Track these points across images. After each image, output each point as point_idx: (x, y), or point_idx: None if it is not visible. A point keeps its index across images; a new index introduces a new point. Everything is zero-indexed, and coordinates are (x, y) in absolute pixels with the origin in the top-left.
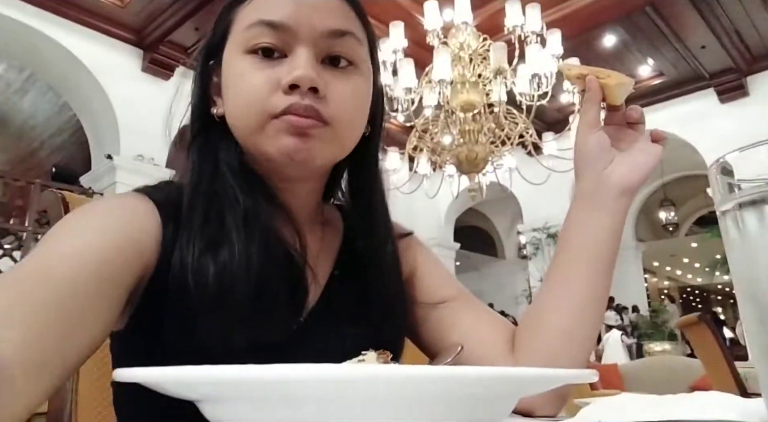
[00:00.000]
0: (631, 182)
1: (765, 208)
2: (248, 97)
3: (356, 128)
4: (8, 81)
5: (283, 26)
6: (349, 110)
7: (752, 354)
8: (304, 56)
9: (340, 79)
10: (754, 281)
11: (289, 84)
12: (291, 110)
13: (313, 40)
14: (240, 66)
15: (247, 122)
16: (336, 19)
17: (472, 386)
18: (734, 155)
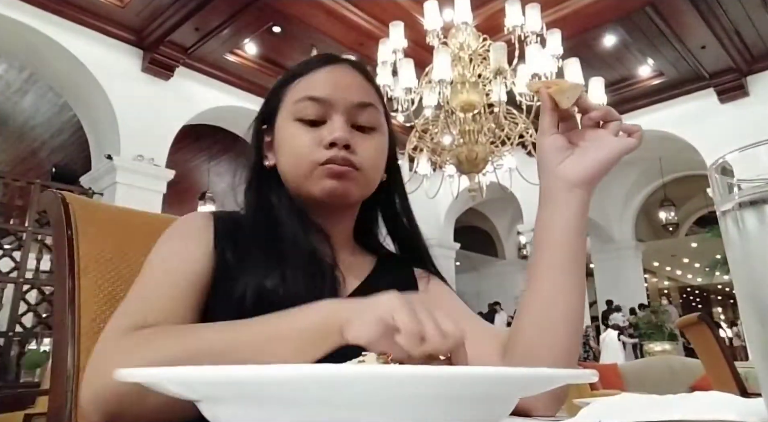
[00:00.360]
0: (579, 175)
1: (765, 208)
2: (299, 152)
3: (378, 172)
4: (8, 81)
5: (324, 100)
6: (373, 159)
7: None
8: (339, 122)
9: (365, 139)
10: (754, 281)
11: (330, 142)
12: (331, 160)
13: (346, 110)
14: (291, 130)
15: (298, 169)
16: (362, 95)
17: (472, 386)
18: (734, 155)
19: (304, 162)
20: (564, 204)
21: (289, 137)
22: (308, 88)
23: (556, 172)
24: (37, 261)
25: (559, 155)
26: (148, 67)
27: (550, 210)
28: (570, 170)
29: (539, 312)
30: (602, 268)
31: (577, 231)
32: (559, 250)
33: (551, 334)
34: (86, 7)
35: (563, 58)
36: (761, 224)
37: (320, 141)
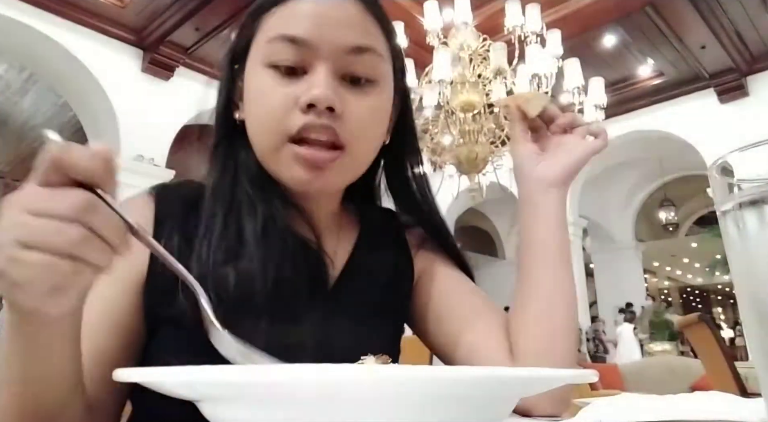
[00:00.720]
0: (552, 176)
1: (765, 208)
2: (266, 116)
3: (372, 146)
4: (8, 81)
5: (304, 42)
6: (365, 129)
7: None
8: (322, 74)
9: (358, 97)
10: (754, 281)
11: (307, 103)
12: (307, 129)
13: (333, 57)
14: (260, 81)
15: (265, 141)
16: (357, 35)
17: (472, 386)
18: (734, 155)
19: (272, 130)
20: (542, 204)
21: (257, 91)
22: (285, 22)
23: (532, 176)
24: None
25: (532, 160)
26: (148, 67)
27: (531, 212)
28: (544, 173)
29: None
30: (602, 268)
31: (558, 227)
32: (544, 246)
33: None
34: (86, 7)
35: (563, 58)
36: (761, 224)
37: (295, 100)
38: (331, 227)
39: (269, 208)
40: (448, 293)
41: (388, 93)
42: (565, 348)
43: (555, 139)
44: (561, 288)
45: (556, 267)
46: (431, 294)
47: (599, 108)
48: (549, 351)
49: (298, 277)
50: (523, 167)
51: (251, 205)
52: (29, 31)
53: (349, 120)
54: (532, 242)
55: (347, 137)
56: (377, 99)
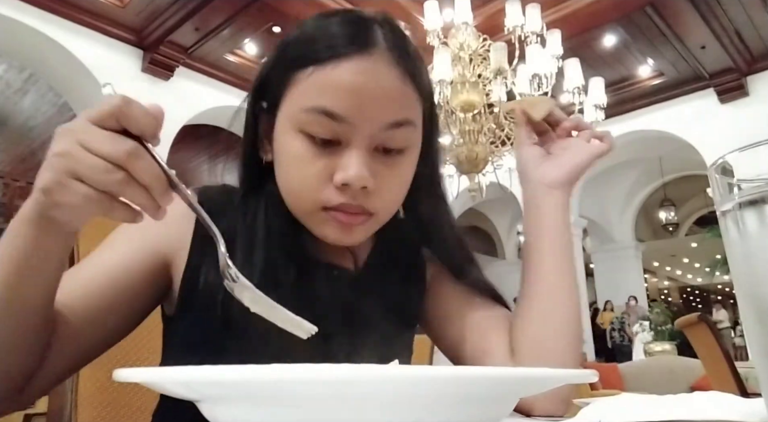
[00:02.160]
0: (556, 177)
1: (765, 208)
2: (301, 185)
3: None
4: (8, 81)
5: (343, 119)
6: (393, 198)
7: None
8: (357, 154)
9: (389, 169)
10: (754, 281)
11: (342, 183)
12: (341, 208)
13: (371, 133)
14: (294, 146)
15: (298, 204)
16: (396, 110)
17: (472, 386)
18: (734, 155)
19: (307, 199)
20: (546, 205)
21: (290, 156)
22: (323, 93)
23: (535, 177)
24: None
25: (536, 162)
26: (148, 67)
27: (535, 213)
28: (548, 174)
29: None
30: (602, 268)
31: (563, 228)
32: (547, 248)
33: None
34: (86, 7)
35: (563, 58)
36: (761, 224)
37: (330, 175)
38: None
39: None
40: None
41: (416, 155)
42: (568, 349)
43: (560, 142)
44: (564, 289)
45: (559, 269)
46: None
47: (599, 108)
48: (550, 351)
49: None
50: (527, 169)
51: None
52: (29, 31)
53: (380, 193)
54: (536, 244)
55: (377, 207)
56: (406, 167)
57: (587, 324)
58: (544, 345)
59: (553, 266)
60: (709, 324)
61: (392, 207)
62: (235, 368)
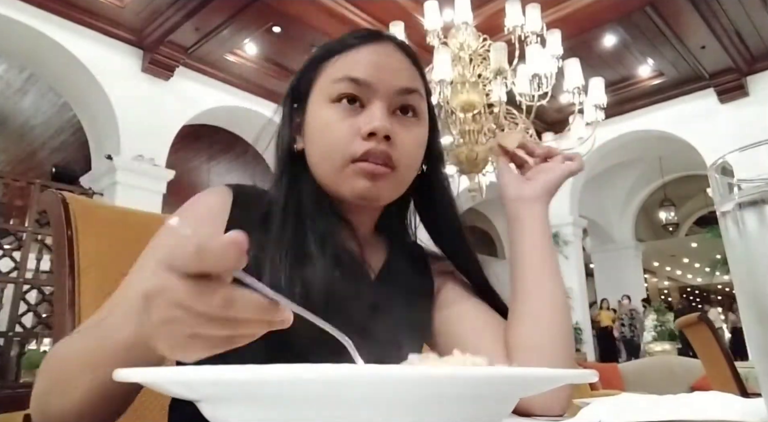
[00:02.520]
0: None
1: (765, 208)
2: (332, 143)
3: (414, 170)
4: (8, 81)
5: (365, 82)
6: (411, 155)
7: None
8: (380, 110)
9: (406, 128)
10: (754, 281)
11: (368, 132)
12: (369, 153)
13: (388, 96)
14: (326, 115)
15: (331, 163)
16: (406, 79)
17: (472, 386)
18: (734, 155)
19: (338, 155)
20: (526, 217)
21: (322, 124)
22: (348, 67)
23: (516, 196)
24: (37, 261)
25: (515, 185)
26: (148, 67)
27: (518, 226)
28: (525, 191)
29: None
30: (602, 268)
31: (543, 237)
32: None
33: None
34: (86, 7)
35: (563, 58)
36: (761, 224)
37: (357, 130)
38: (370, 242)
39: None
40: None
41: (425, 127)
42: (557, 348)
43: (535, 167)
44: (549, 295)
45: (542, 275)
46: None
47: (599, 108)
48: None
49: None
50: (507, 191)
51: (313, 221)
52: (29, 31)
53: (400, 147)
54: (520, 254)
55: (398, 160)
56: (419, 131)
57: (587, 324)
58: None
59: (536, 273)
60: (709, 324)
61: (411, 163)
62: (235, 368)
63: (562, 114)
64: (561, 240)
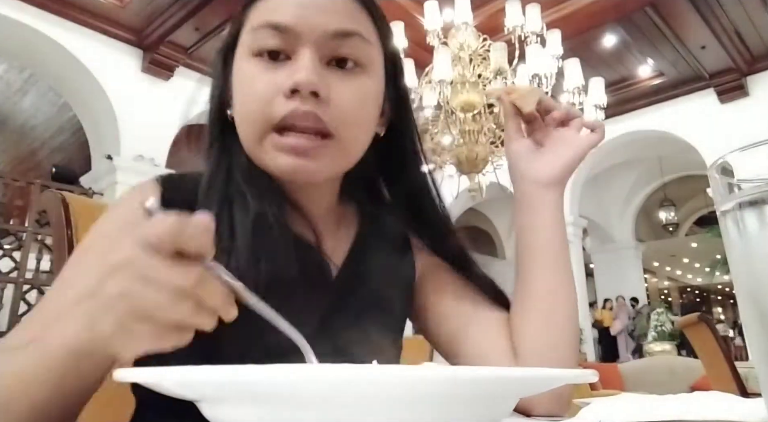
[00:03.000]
0: (550, 175)
1: (765, 208)
2: (250, 105)
3: (362, 133)
4: (8, 81)
5: (287, 28)
6: (353, 114)
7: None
8: (306, 59)
9: (345, 82)
10: (754, 282)
11: (290, 88)
12: (293, 117)
13: (317, 42)
14: (246, 70)
15: (250, 130)
16: (341, 20)
17: (472, 386)
18: (734, 155)
19: (256, 118)
20: (541, 205)
21: (242, 81)
22: (269, 11)
23: (528, 175)
24: (37, 261)
25: (528, 158)
26: (148, 67)
27: (529, 213)
28: (541, 172)
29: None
30: (602, 268)
31: (559, 228)
32: (543, 250)
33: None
34: (86, 7)
35: (563, 58)
36: (761, 224)
37: (279, 87)
38: (329, 224)
39: (261, 203)
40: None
41: (376, 79)
42: (568, 348)
43: (551, 133)
44: (562, 290)
45: (556, 269)
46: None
47: (599, 108)
48: (552, 351)
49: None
50: (518, 166)
51: (243, 200)
52: (29, 31)
53: (335, 105)
54: (532, 245)
55: (335, 124)
56: (365, 83)
57: (587, 324)
58: (546, 345)
59: (551, 265)
60: (709, 324)
61: (355, 124)
62: (235, 368)
63: None
64: None
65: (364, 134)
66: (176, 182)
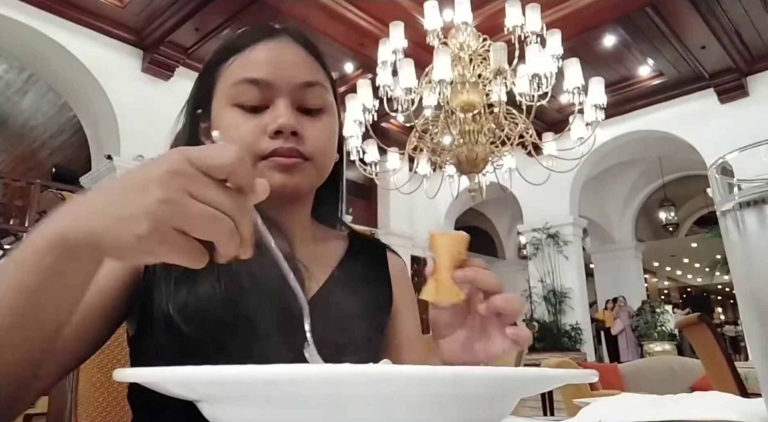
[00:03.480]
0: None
1: (765, 208)
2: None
3: (331, 158)
4: (8, 81)
5: (265, 82)
6: (323, 145)
7: (752, 354)
8: (283, 107)
9: (313, 123)
10: (754, 281)
11: (275, 131)
12: (277, 152)
13: (290, 92)
14: (229, 117)
15: None
16: (306, 73)
17: (472, 386)
18: (734, 155)
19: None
20: None
21: (227, 127)
22: (246, 68)
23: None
24: None
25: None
26: (148, 67)
27: None
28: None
29: None
30: (602, 268)
31: None
32: None
33: None
34: (86, 7)
35: (563, 59)
36: (761, 224)
37: (263, 129)
38: (305, 241)
39: None
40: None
41: (334, 117)
42: None
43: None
44: None
45: None
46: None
47: (599, 108)
48: None
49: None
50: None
51: None
52: (29, 31)
53: (309, 141)
54: None
55: (310, 152)
56: (328, 122)
57: (587, 324)
58: None
59: None
60: (709, 324)
61: (325, 153)
62: (235, 368)
63: (562, 114)
64: (561, 240)
65: (331, 158)
66: None
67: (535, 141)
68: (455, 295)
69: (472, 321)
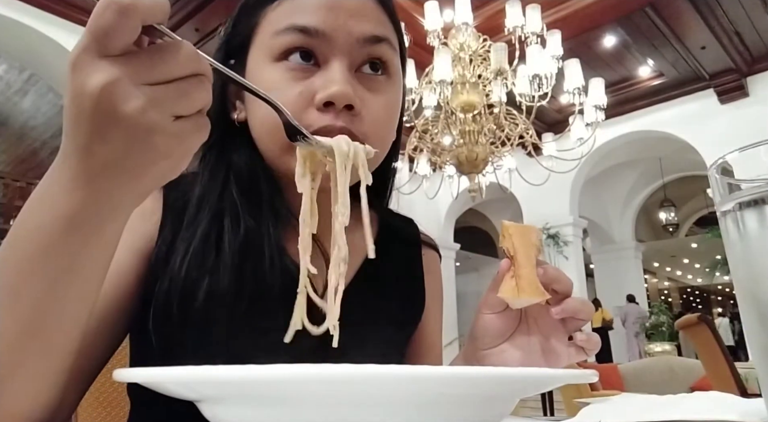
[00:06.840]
0: None
1: (765, 208)
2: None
3: (389, 142)
4: (8, 82)
5: (318, 32)
6: (383, 127)
7: (752, 354)
8: (339, 69)
9: (374, 94)
10: (754, 281)
11: (324, 101)
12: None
13: (349, 49)
14: (269, 77)
15: (276, 140)
16: (373, 25)
17: (472, 386)
18: (734, 155)
19: None
20: None
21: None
22: (295, 13)
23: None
24: None
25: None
26: None
27: None
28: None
29: None
30: (602, 268)
31: None
32: None
33: None
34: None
35: (563, 59)
36: (761, 224)
37: (310, 97)
38: None
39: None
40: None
41: (399, 88)
42: None
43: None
44: None
45: None
46: None
47: (599, 109)
48: None
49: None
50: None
51: (236, 216)
52: (29, 31)
53: (366, 119)
54: None
55: (365, 135)
56: (393, 95)
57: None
58: None
59: None
60: (709, 324)
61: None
62: (235, 368)
63: (562, 114)
64: (561, 240)
65: (389, 141)
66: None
67: (535, 141)
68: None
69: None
